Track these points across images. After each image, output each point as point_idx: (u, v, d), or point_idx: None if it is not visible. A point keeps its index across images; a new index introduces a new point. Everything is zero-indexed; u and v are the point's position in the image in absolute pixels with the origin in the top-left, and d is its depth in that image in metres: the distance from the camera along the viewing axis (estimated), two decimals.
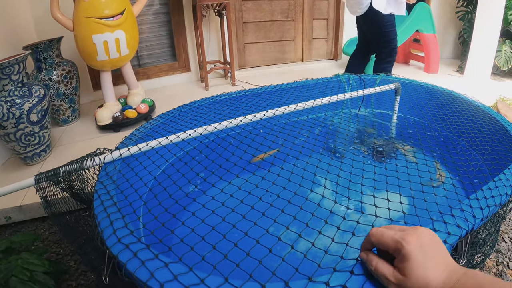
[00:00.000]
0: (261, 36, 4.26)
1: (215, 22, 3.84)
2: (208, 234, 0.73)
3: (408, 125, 2.07)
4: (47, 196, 1.13)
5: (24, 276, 1.23)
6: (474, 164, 1.43)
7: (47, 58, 2.70)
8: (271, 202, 0.85)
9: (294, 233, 0.81)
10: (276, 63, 4.49)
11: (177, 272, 0.62)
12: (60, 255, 1.66)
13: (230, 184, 0.93)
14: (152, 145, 1.05)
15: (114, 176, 1.02)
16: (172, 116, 1.57)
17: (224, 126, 1.13)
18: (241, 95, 1.85)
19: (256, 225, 0.77)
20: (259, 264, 0.65)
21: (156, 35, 3.79)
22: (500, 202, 0.95)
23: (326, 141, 1.62)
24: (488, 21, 3.33)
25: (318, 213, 0.86)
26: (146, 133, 1.38)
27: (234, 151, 1.15)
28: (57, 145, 2.58)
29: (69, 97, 2.84)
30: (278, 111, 1.27)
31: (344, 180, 1.06)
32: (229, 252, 0.67)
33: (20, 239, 1.42)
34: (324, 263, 0.66)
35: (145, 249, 0.69)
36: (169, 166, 1.09)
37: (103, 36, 2.46)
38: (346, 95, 1.61)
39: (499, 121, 1.59)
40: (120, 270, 0.68)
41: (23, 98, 2.11)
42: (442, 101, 1.98)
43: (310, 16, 4.41)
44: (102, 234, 0.76)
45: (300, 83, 2.06)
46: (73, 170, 1.06)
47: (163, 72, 3.89)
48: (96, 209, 0.87)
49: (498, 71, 4.20)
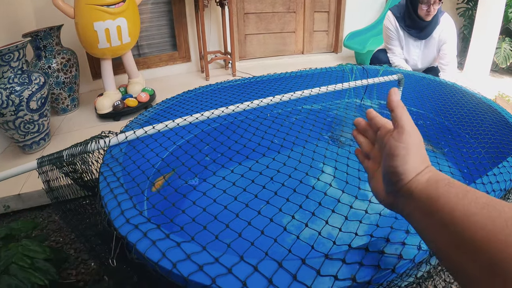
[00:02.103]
0: (262, 27, 4.23)
1: (216, 12, 3.81)
2: (220, 213, 0.71)
3: (412, 116, 2.05)
4: (50, 180, 1.11)
5: (24, 263, 1.20)
6: (474, 156, 1.42)
7: (46, 46, 2.67)
8: (283, 182, 0.84)
9: (308, 212, 0.79)
10: (276, 55, 4.47)
11: (190, 251, 0.60)
12: (59, 244, 1.65)
13: (240, 165, 0.91)
14: (159, 128, 1.03)
15: (120, 159, 1.00)
16: (176, 101, 1.55)
17: (232, 110, 1.11)
18: (245, 83, 1.83)
19: (268, 204, 0.75)
20: (274, 242, 0.63)
21: (156, 24, 3.76)
22: (505, 187, 0.94)
23: (330, 130, 1.61)
24: (489, 18, 3.32)
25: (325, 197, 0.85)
26: (151, 117, 1.36)
27: (243, 133, 1.14)
28: (56, 133, 2.56)
29: (69, 85, 2.81)
30: (285, 97, 1.25)
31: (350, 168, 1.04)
32: (243, 231, 0.65)
33: (20, 226, 1.39)
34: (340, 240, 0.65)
35: (156, 229, 0.67)
36: (176, 148, 1.07)
37: (105, 23, 2.43)
38: (351, 83, 1.59)
39: (501, 112, 1.59)
40: (130, 252, 0.66)
41: (22, 86, 2.08)
42: (444, 92, 1.97)
43: (311, 8, 4.38)
44: (110, 215, 0.74)
45: (304, 72, 2.05)
46: (77, 153, 1.04)
47: (163, 62, 3.86)
48: (102, 191, 0.85)
49: (497, 68, 4.21)
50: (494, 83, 3.86)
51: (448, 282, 1.36)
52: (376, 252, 0.63)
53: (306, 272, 0.59)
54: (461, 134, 1.72)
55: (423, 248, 0.65)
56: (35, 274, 1.20)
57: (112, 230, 0.71)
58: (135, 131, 1.02)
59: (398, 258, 0.62)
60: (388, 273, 0.60)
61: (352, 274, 0.58)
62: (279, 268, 0.59)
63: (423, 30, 2.51)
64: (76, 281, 1.46)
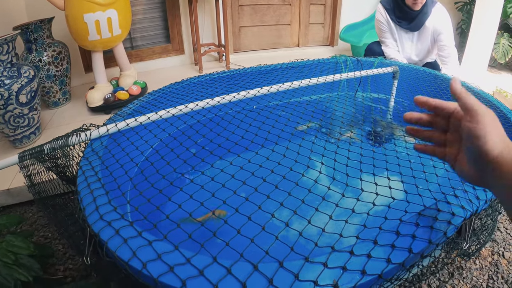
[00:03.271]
0: (257, 19, 4.19)
1: (210, 4, 3.77)
2: (196, 211, 0.68)
3: (406, 109, 2.03)
4: (31, 175, 1.09)
5: (8, 259, 1.18)
6: None
7: (37, 39, 2.62)
8: (264, 178, 0.81)
9: (289, 210, 0.76)
10: (271, 48, 4.44)
11: (161, 251, 0.57)
12: (48, 239, 1.63)
13: (221, 159, 0.88)
14: (141, 121, 1.00)
15: (100, 152, 0.97)
16: (163, 93, 1.52)
17: (217, 102, 1.08)
18: (235, 74, 1.80)
19: (248, 201, 0.72)
20: (251, 243, 0.61)
21: (149, 16, 3.72)
22: None
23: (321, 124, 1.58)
24: (487, 13, 3.28)
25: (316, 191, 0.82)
26: (136, 110, 1.33)
27: (227, 126, 1.11)
28: (47, 127, 2.52)
29: (60, 78, 2.77)
30: (273, 88, 1.22)
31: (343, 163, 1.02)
32: (218, 231, 0.63)
33: (4, 221, 1.37)
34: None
35: (128, 226, 0.64)
36: (158, 142, 1.04)
37: (95, 15, 2.39)
38: (343, 75, 1.57)
39: (500, 107, 1.57)
40: (102, 249, 0.63)
41: (12, 79, 2.05)
42: (440, 86, 1.95)
43: (307, 0, 4.34)
44: (84, 211, 0.71)
45: (296, 63, 2.02)
46: (58, 147, 1.01)
47: (157, 54, 3.83)
48: (79, 186, 0.82)
49: (495, 64, 4.21)
50: (492, 78, 3.86)
51: (442, 281, 1.35)
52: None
53: (283, 276, 0.56)
54: None
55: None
56: (19, 270, 1.17)
57: (87, 226, 0.69)
58: (116, 124, 0.99)
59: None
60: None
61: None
62: (254, 271, 0.56)
63: (413, 21, 2.48)
64: (63, 277, 1.44)
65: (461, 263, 1.43)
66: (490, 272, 1.41)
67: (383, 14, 2.59)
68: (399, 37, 2.61)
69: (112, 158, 0.93)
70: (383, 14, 2.59)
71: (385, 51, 2.66)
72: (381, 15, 2.60)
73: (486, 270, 1.41)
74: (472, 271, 1.41)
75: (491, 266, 1.43)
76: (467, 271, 1.40)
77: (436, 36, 2.52)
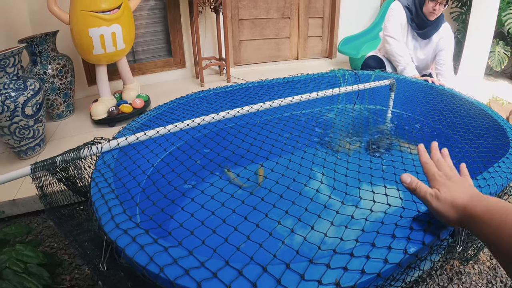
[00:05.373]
0: (257, 33, 4.26)
1: (211, 18, 3.83)
2: (208, 219, 0.73)
3: (403, 120, 2.08)
4: (43, 186, 1.13)
5: (18, 267, 1.22)
6: (467, 157, 1.45)
7: (42, 52, 2.68)
8: (270, 188, 0.86)
9: (294, 218, 0.81)
10: (271, 61, 4.49)
11: (176, 256, 0.62)
12: (54, 249, 1.66)
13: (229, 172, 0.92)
14: (150, 135, 1.05)
15: (111, 165, 1.02)
16: (169, 107, 1.57)
17: (222, 116, 1.13)
18: (237, 89, 1.85)
19: (255, 210, 0.77)
20: (259, 248, 0.65)
21: (151, 30, 3.77)
22: (496, 192, 0.97)
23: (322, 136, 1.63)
24: (482, 22, 3.32)
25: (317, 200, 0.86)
26: (144, 124, 1.38)
27: (232, 140, 1.16)
28: (51, 139, 2.57)
29: (64, 91, 2.82)
30: (275, 103, 1.27)
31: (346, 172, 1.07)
32: (229, 236, 0.67)
33: (14, 231, 1.40)
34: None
35: (144, 234, 0.69)
36: (167, 155, 1.09)
37: (100, 29, 2.45)
38: (341, 89, 1.62)
39: (493, 116, 1.62)
40: (119, 256, 0.67)
41: (18, 91, 2.09)
42: (436, 97, 2.00)
43: (305, 14, 4.41)
44: (100, 220, 0.76)
45: (296, 77, 2.07)
46: (70, 159, 1.05)
47: (159, 68, 3.87)
48: (93, 196, 0.87)
49: (492, 72, 4.25)
50: (489, 86, 3.91)
51: (441, 286, 1.38)
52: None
53: (290, 276, 0.61)
54: (456, 139, 1.74)
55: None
56: (29, 278, 1.21)
57: (103, 234, 0.73)
58: (127, 137, 1.04)
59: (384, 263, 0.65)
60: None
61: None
62: (263, 272, 0.61)
63: (424, 29, 2.52)
64: (70, 286, 1.47)
65: (460, 268, 1.46)
66: (489, 277, 1.43)
67: (400, 7, 2.57)
68: (406, 38, 2.63)
69: (123, 170, 0.97)
70: (400, 6, 2.57)
71: (392, 45, 2.59)
72: (399, 6, 2.57)
73: (485, 275, 1.44)
74: (471, 275, 1.43)
75: (489, 271, 1.46)
76: (466, 276, 1.43)
77: (438, 52, 2.57)
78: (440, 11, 2.42)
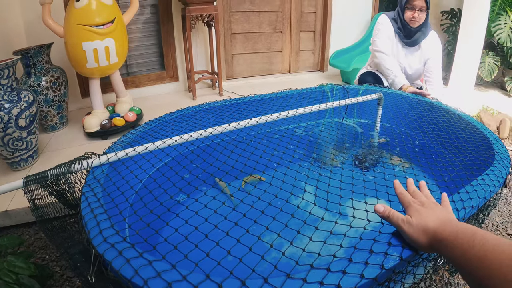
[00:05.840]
0: (249, 47, 4.31)
1: (204, 32, 3.88)
2: (191, 234, 0.77)
3: (390, 134, 2.13)
4: (35, 199, 1.16)
5: (9, 278, 1.23)
6: (452, 170, 1.49)
7: (36, 64, 2.71)
8: (252, 204, 0.90)
9: (273, 233, 0.85)
10: (263, 74, 4.54)
11: (160, 269, 0.65)
12: (45, 261, 1.67)
13: (213, 187, 0.96)
14: (139, 151, 1.09)
15: (101, 180, 1.05)
16: (159, 123, 1.61)
17: (209, 133, 1.17)
18: (227, 104, 1.89)
19: (237, 225, 0.81)
20: (239, 262, 0.69)
21: (145, 44, 3.81)
22: (478, 205, 1.02)
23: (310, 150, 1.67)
24: (472, 33, 3.39)
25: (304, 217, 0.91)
26: (134, 139, 1.41)
27: (218, 156, 1.20)
28: (44, 151, 2.59)
29: (58, 103, 2.85)
30: (262, 119, 1.32)
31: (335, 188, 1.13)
32: (210, 251, 0.71)
33: (5, 242, 1.42)
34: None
35: (130, 248, 0.72)
36: (155, 170, 1.12)
37: (93, 43, 2.48)
38: (328, 104, 1.66)
39: (479, 128, 1.66)
40: (106, 269, 0.71)
41: (12, 103, 2.11)
42: (423, 110, 2.05)
43: (297, 28, 4.49)
44: (89, 234, 0.79)
45: (284, 92, 2.12)
46: (61, 174, 1.09)
47: (152, 81, 3.91)
48: (83, 210, 0.90)
49: (482, 82, 4.34)
50: (479, 96, 3.98)
51: None
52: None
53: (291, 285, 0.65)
54: (444, 151, 1.79)
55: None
56: None
57: (91, 248, 0.76)
58: (116, 153, 1.08)
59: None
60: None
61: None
62: (242, 286, 0.64)
63: (411, 37, 2.60)
64: None
65: (449, 279, 1.49)
66: None
67: (386, 22, 2.66)
68: (396, 48, 2.70)
69: (113, 185, 1.01)
70: (386, 21, 2.66)
71: (380, 59, 2.66)
72: (384, 22, 2.66)
73: None
74: (460, 286, 1.45)
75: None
76: (456, 287, 1.45)
77: (426, 59, 2.65)
78: (422, 18, 2.51)
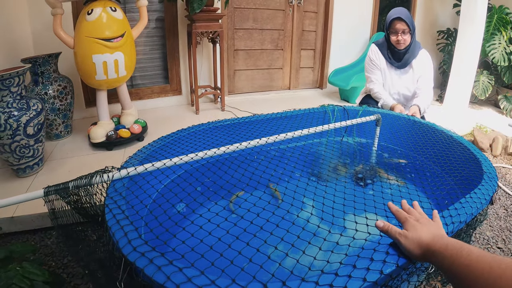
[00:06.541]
0: (251, 63, 4.39)
1: (208, 48, 3.95)
2: (216, 244, 0.85)
3: (388, 153, 2.22)
4: (55, 209, 1.21)
5: (24, 284, 1.27)
6: (443, 187, 1.60)
7: (44, 73, 2.77)
8: (268, 219, 0.98)
9: (287, 244, 0.93)
10: (264, 90, 4.61)
11: (190, 275, 0.73)
12: (52, 268, 1.69)
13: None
14: (158, 166, 1.16)
15: (123, 192, 1.12)
16: (172, 139, 1.69)
17: (222, 151, 1.25)
18: (235, 123, 1.98)
19: (255, 237, 0.89)
20: (260, 268, 0.78)
21: (150, 57, 3.87)
22: (466, 220, 1.12)
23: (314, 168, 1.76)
24: (467, 52, 3.47)
25: None
26: (149, 154, 1.49)
27: (227, 170, 1.30)
28: (49, 159, 2.62)
29: (63, 112, 2.91)
30: (270, 139, 1.40)
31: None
32: (234, 259, 0.80)
33: (19, 248, 1.46)
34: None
35: (160, 256, 0.80)
36: (170, 183, 1.20)
37: (103, 56, 2.54)
38: (330, 125, 1.74)
39: (470, 149, 1.76)
40: (137, 275, 0.78)
41: (21, 111, 2.16)
42: (418, 131, 2.14)
43: (298, 46, 4.60)
44: (118, 244, 0.86)
45: (289, 112, 2.20)
46: (82, 185, 1.15)
47: (155, 94, 3.95)
48: (109, 222, 0.97)
49: (476, 100, 4.46)
50: (474, 114, 4.08)
51: None
52: None
53: None
54: (437, 171, 1.88)
55: None
56: None
57: (120, 256, 0.83)
58: (136, 167, 1.15)
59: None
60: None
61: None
62: (283, 286, 0.74)
63: (401, 60, 2.72)
64: None
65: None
66: None
67: (375, 52, 2.81)
68: (389, 73, 2.81)
69: (135, 199, 1.08)
70: (375, 52, 2.81)
71: (371, 87, 2.84)
72: (373, 53, 2.81)
73: None
74: None
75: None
76: None
77: (417, 78, 2.76)
78: (407, 40, 2.63)
